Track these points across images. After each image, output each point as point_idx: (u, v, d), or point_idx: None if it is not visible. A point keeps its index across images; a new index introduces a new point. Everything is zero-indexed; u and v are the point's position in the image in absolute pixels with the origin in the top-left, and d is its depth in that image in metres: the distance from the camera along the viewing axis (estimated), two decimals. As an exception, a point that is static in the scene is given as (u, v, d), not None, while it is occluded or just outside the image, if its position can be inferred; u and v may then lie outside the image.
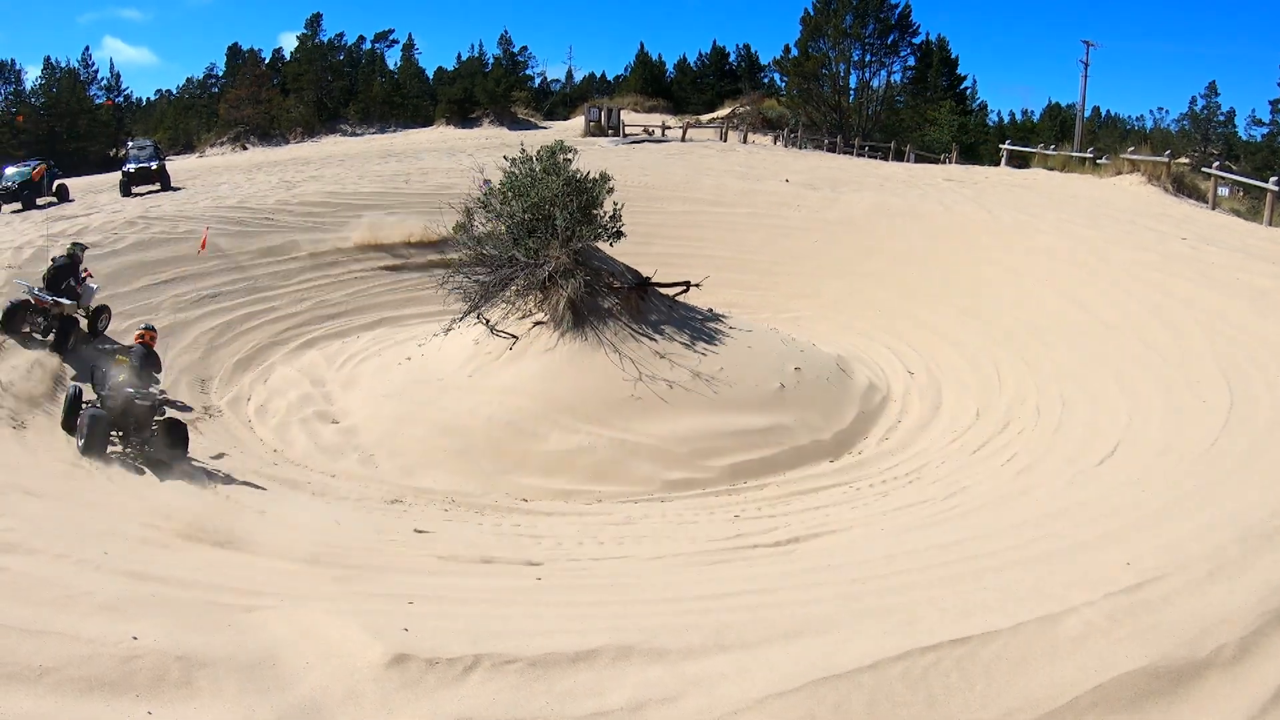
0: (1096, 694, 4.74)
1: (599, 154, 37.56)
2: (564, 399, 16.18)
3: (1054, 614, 5.43)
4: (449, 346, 18.19)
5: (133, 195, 33.09)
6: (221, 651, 5.16)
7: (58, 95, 67.24)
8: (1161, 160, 31.22)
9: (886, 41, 64.29)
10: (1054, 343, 17.43)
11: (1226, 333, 14.76)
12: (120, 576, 7.01)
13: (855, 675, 4.86)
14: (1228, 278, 17.33)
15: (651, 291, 18.78)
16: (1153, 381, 14.18)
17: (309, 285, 23.52)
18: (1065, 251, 21.35)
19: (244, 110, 68.77)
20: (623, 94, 78.12)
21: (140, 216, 24.54)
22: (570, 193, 18.35)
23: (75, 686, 4.79)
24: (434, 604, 7.01)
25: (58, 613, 5.67)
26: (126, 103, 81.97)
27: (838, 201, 29.18)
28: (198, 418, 16.86)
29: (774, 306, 23.62)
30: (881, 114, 63.95)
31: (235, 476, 13.86)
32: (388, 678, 4.93)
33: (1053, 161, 37.84)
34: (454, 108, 70.32)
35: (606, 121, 60.90)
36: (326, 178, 33.86)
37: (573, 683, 4.93)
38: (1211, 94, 71.69)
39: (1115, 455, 11.75)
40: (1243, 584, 5.82)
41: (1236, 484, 8.71)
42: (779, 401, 16.66)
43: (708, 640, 5.36)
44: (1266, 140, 66.05)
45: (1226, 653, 5.06)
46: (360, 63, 77.80)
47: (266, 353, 20.38)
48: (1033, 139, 51.70)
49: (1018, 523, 9.39)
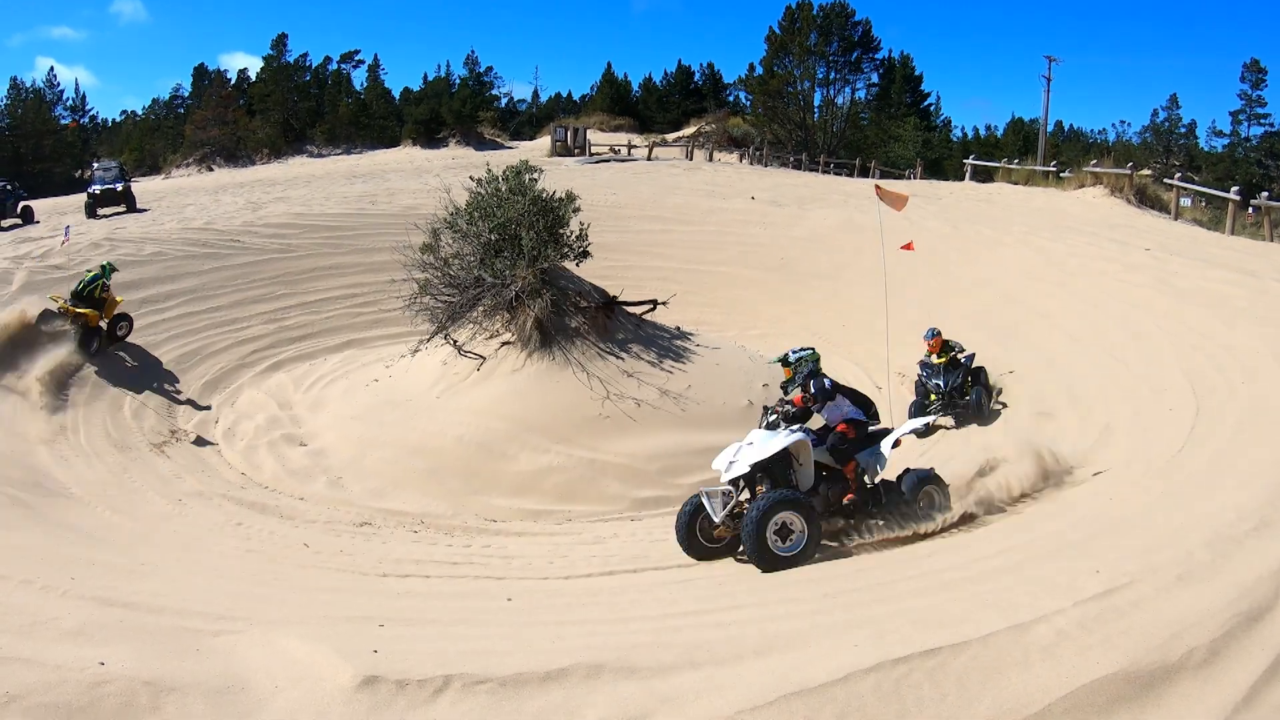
0: (1069, 701, 4.75)
1: (565, 173, 37.61)
2: (532, 419, 16.14)
3: (1024, 622, 5.45)
4: (417, 368, 18.12)
5: (98, 217, 32.97)
6: (190, 676, 5.11)
7: (22, 116, 66.79)
8: (1124, 172, 31.59)
9: (850, 59, 65.05)
10: (1019, 354, 17.54)
11: (1191, 341, 14.90)
12: (87, 602, 6.93)
13: (827, 689, 4.85)
14: (1191, 287, 17.51)
15: (619, 310, 18.78)
16: (1119, 390, 14.29)
17: (276, 307, 23.34)
18: (1030, 264, 21.52)
19: (210, 131, 68.53)
20: (589, 113, 78.46)
21: (106, 238, 24.34)
22: (536, 213, 18.32)
23: (42, 713, 4.73)
24: (404, 626, 6.96)
25: (24, 639, 5.60)
26: (92, 124, 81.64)
27: (804, 218, 29.28)
28: (164, 441, 16.72)
29: (741, 324, 23.65)
30: (846, 131, 64.48)
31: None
32: (358, 700, 4.89)
33: (1016, 176, 38.19)
34: (420, 128, 70.24)
35: (572, 141, 60.99)
36: (293, 199, 33.73)
37: (544, 702, 4.90)
38: (1173, 106, 72.92)
39: (1082, 464, 11.82)
40: (1212, 588, 5.86)
41: (1204, 490, 8.76)
42: (748, 418, 16.65)
43: (679, 657, 5.34)
44: (1228, 151, 67.14)
45: (1197, 656, 5.09)
46: (326, 83, 77.71)
47: (233, 375, 20.20)
48: (996, 154, 52.23)
49: (986, 532, 9.43)
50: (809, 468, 10.29)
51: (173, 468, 15.78)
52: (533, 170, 19.32)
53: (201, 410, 18.50)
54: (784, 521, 9.32)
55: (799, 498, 9.62)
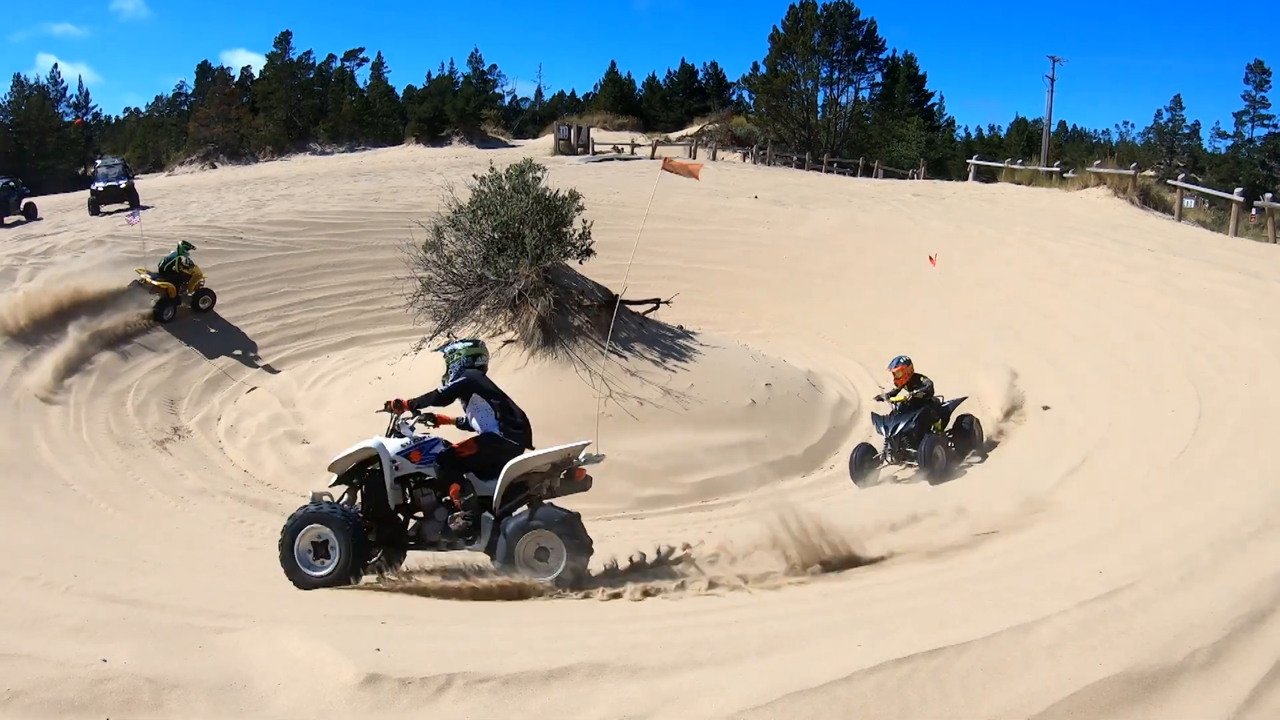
0: (1071, 702, 4.74)
1: (568, 172, 37.57)
2: (535, 417, 16.06)
3: (1027, 623, 5.44)
4: (419, 366, 18.10)
5: (101, 214, 32.92)
6: (192, 673, 5.10)
7: (26, 112, 66.79)
8: (1127, 173, 31.52)
9: (854, 58, 64.92)
10: (1022, 355, 17.51)
11: (1193, 342, 14.87)
12: (90, 599, 6.93)
13: (830, 689, 4.84)
14: (1194, 288, 17.48)
15: (622, 309, 18.77)
16: (1121, 392, 14.27)
17: (279, 305, 23.36)
18: (1033, 265, 21.50)
19: (213, 129, 68.44)
20: (592, 112, 78.30)
21: (109, 235, 24.39)
22: (540, 211, 18.34)
23: (45, 709, 4.73)
24: (406, 624, 6.96)
25: (27, 635, 5.60)
26: (95, 121, 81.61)
27: (807, 218, 29.26)
28: (167, 439, 16.73)
29: (744, 323, 23.65)
30: (850, 130, 64.38)
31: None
32: (360, 698, 4.89)
33: (1020, 176, 38.14)
34: (424, 126, 70.13)
35: (576, 139, 60.89)
36: (296, 197, 33.71)
37: (546, 701, 4.89)
38: (1177, 107, 72.73)
39: (1085, 465, 11.82)
40: (1215, 589, 5.85)
41: (1206, 491, 8.76)
42: (750, 417, 16.68)
43: (681, 657, 5.34)
44: (1231, 152, 67.03)
45: (1200, 658, 5.08)
46: (330, 81, 77.67)
47: (236, 372, 20.24)
48: (1000, 154, 52.14)
49: (988, 533, 9.42)
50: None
51: (175, 465, 15.81)
52: (536, 169, 19.32)
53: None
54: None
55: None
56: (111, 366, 18.60)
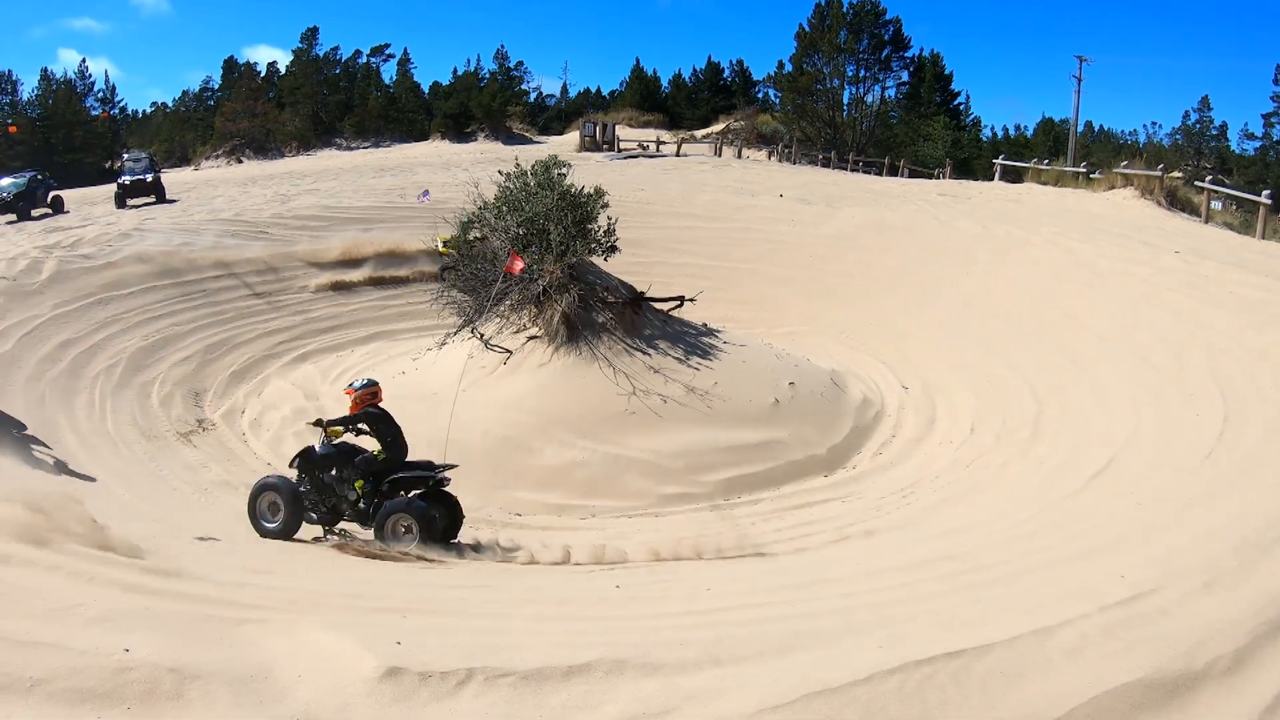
0: (1092, 706, 4.73)
1: (594, 169, 37.59)
2: (558, 413, 16.15)
3: (1049, 627, 5.42)
4: (443, 361, 18.16)
5: (128, 207, 33.12)
6: (214, 664, 5.12)
7: (53, 106, 67.27)
8: (1155, 174, 31.29)
9: (880, 57, 64.62)
10: (1048, 356, 17.42)
11: (1220, 345, 14.76)
12: (112, 589, 6.97)
13: (849, 689, 4.84)
14: (1221, 291, 17.34)
15: (646, 306, 18.77)
16: (1147, 395, 14.17)
17: (304, 299, 23.48)
18: (1059, 266, 21.37)
19: (240, 123, 68.82)
20: (618, 109, 78.28)
21: (135, 229, 24.52)
22: (565, 207, 18.36)
23: (67, 698, 4.75)
24: (427, 617, 6.98)
25: (49, 625, 5.64)
26: (122, 115, 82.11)
27: (832, 217, 29.19)
28: (191, 431, 16.83)
29: (768, 322, 23.62)
30: (875, 129, 64.14)
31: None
32: (380, 691, 4.91)
33: (1046, 176, 37.88)
34: (449, 122, 70.26)
35: (601, 136, 60.92)
36: (322, 191, 33.89)
37: (566, 697, 4.90)
38: (1204, 108, 72.29)
39: (1110, 468, 11.74)
40: (1238, 595, 5.82)
41: (1231, 496, 8.70)
42: (773, 416, 16.65)
43: (701, 655, 5.34)
44: (1259, 154, 66.39)
45: (1222, 664, 5.05)
46: (356, 77, 77.90)
47: (261, 365, 20.34)
48: (1026, 154, 51.86)
49: (1012, 536, 9.38)
50: None
51: (199, 457, 15.90)
52: (561, 165, 19.37)
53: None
54: None
55: None
56: (137, 358, 18.70)
